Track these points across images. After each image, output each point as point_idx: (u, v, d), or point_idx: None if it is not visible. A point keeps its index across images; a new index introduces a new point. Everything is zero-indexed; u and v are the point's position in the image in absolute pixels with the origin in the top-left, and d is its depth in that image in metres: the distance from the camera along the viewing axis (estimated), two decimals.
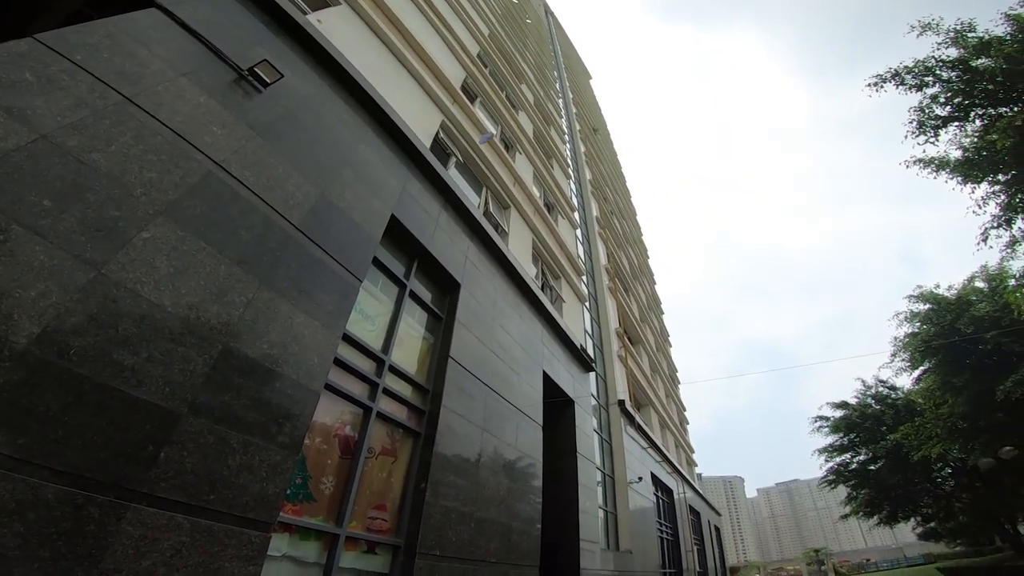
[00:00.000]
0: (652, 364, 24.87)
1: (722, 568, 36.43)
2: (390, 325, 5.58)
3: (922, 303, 13.37)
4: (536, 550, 7.00)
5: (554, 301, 12.22)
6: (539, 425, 8.32)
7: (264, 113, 4.20)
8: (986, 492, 18.16)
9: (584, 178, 24.27)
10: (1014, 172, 7.27)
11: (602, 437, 13.42)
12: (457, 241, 7.17)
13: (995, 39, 7.64)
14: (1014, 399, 9.68)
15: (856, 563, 63.80)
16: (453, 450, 5.71)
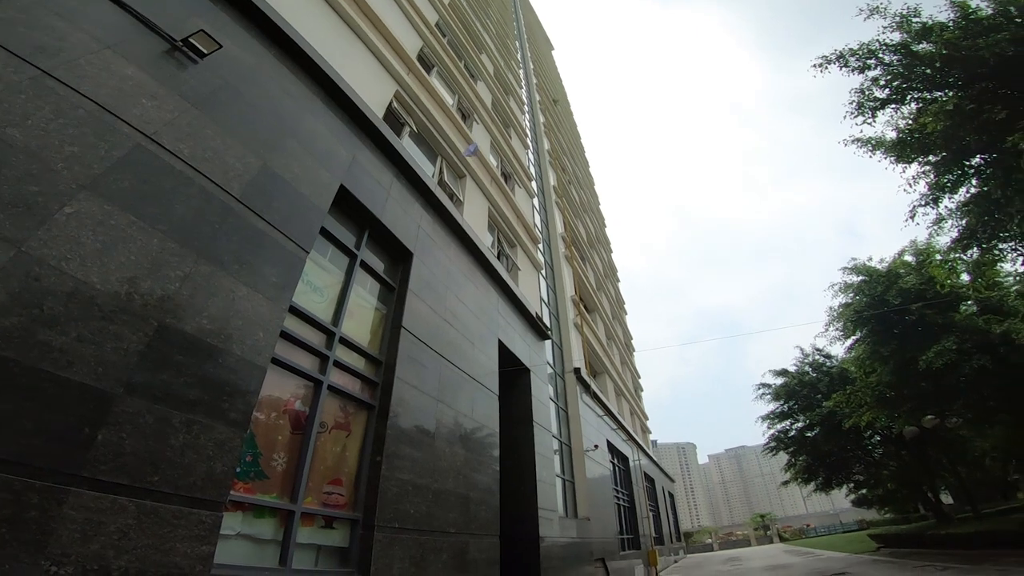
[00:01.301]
0: (608, 332, 25.87)
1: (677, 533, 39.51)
2: (340, 296, 5.58)
3: (855, 275, 14.53)
4: (495, 519, 7.38)
5: (510, 270, 12.42)
6: (495, 394, 8.61)
7: (200, 85, 4.10)
8: (910, 460, 20.15)
9: (543, 148, 24.69)
10: (944, 154, 7.98)
11: (558, 405, 14.01)
12: (410, 211, 7.23)
13: (937, 24, 8.21)
14: (934, 369, 10.93)
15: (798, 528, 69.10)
16: (408, 422, 5.87)
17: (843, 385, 16.94)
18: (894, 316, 12.20)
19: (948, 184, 8.21)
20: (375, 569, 4.53)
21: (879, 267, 14.00)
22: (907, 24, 8.43)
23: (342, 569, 4.54)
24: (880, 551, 18.24)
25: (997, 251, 8.43)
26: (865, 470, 23.19)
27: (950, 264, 10.12)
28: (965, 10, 8.17)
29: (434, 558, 5.50)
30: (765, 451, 24.71)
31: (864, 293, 13.46)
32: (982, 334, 10.75)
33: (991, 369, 10.64)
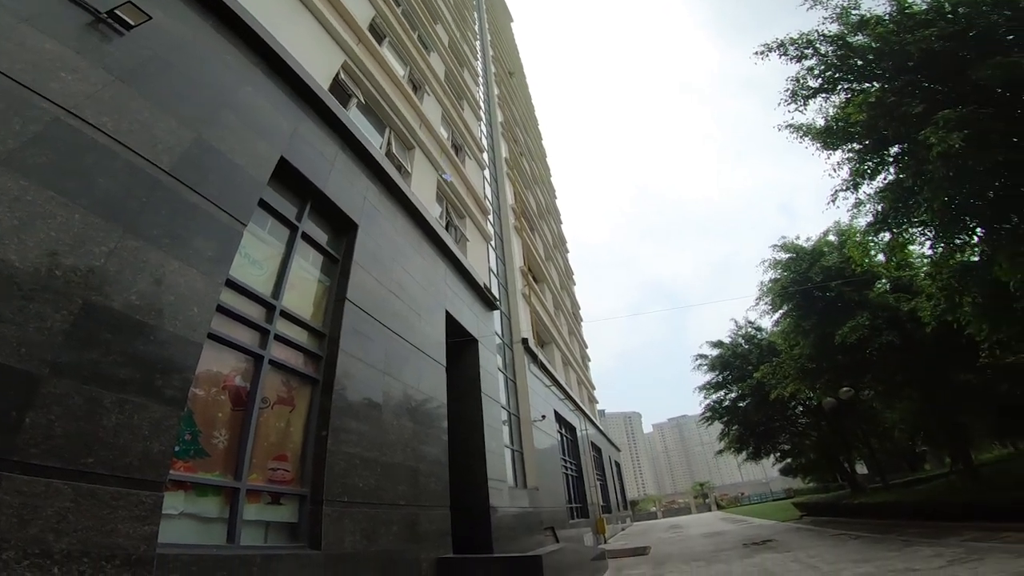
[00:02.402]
0: (556, 302, 26.57)
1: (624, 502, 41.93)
2: (280, 269, 5.50)
3: (784, 252, 15.83)
4: (445, 491, 7.67)
5: (458, 240, 12.48)
6: (442, 366, 8.79)
7: (127, 57, 3.96)
8: (829, 431, 21.92)
9: (496, 120, 24.79)
10: (866, 142, 8.71)
11: (506, 376, 14.41)
12: (356, 182, 7.22)
13: (874, 17, 8.76)
14: (849, 343, 12.22)
15: (733, 496, 73.96)
16: (354, 395, 5.95)
17: (771, 357, 18.25)
18: (816, 292, 13.43)
19: (867, 171, 9.01)
20: (326, 543, 4.69)
21: (805, 246, 15.28)
22: (846, 16, 8.98)
23: (292, 544, 4.66)
24: (803, 519, 20.01)
25: (908, 234, 9.38)
26: (790, 440, 25.06)
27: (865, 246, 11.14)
28: (902, 4, 8.72)
29: (385, 530, 5.72)
30: (701, 420, 26.35)
31: (791, 270, 14.70)
32: (892, 311, 12.08)
33: (898, 345, 12.05)
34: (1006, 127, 7.32)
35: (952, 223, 8.36)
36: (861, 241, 10.85)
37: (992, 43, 7.70)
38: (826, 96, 9.48)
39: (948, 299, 9.11)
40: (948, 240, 8.76)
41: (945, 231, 8.55)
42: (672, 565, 11.34)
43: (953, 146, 6.74)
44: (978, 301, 8.68)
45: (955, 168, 7.27)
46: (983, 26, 7.76)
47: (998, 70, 7.02)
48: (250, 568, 3.76)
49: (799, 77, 9.42)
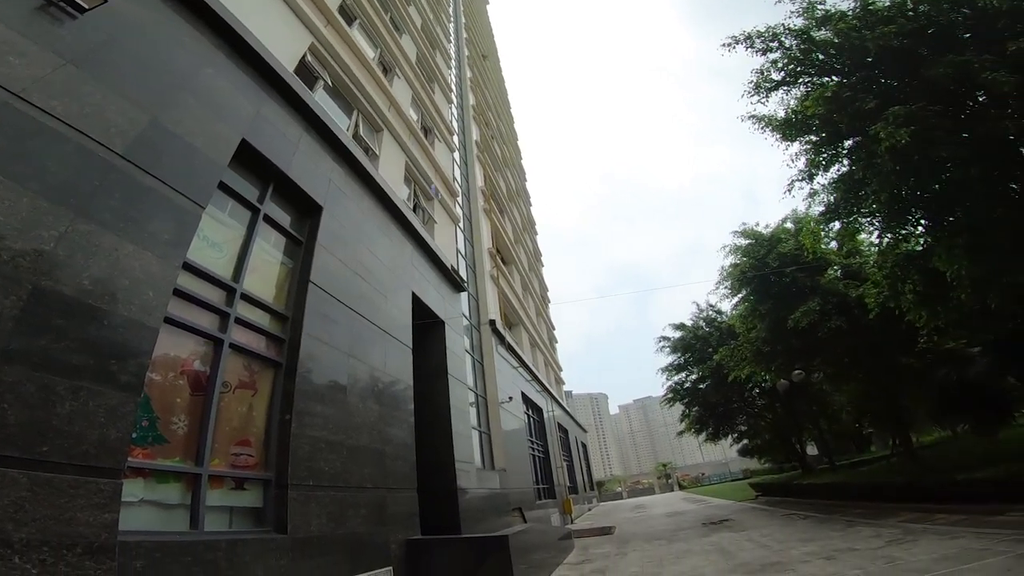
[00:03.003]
0: (524, 283, 26.82)
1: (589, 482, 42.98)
2: (241, 251, 5.43)
3: (744, 238, 16.37)
4: (412, 473, 7.80)
5: (426, 222, 12.45)
6: (408, 348, 8.85)
7: (79, 41, 3.86)
8: (783, 412, 22.79)
9: (467, 103, 24.75)
10: (822, 135, 9.08)
11: (474, 358, 14.56)
12: (320, 164, 7.20)
13: (838, 13, 9.03)
14: (801, 327, 12.94)
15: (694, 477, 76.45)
16: (318, 378, 5.97)
17: (730, 340, 18.94)
18: (772, 278, 14.10)
19: (822, 163, 9.43)
20: (292, 527, 4.76)
21: (764, 232, 15.89)
22: (811, 10, 9.22)
23: (258, 529, 4.71)
24: (758, 499, 20.79)
25: (858, 224, 9.90)
26: (747, 421, 25.90)
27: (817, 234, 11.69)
28: (865, 1, 8.97)
29: (352, 513, 5.82)
30: (663, 402, 27.16)
31: (750, 255, 15.29)
32: (841, 297, 12.81)
33: (846, 329, 12.79)
34: (953, 124, 7.63)
35: (898, 214, 8.87)
36: (814, 229, 11.38)
37: (950, 41, 8.00)
38: (787, 89, 9.75)
39: (891, 287, 9.70)
40: (894, 230, 9.32)
41: (891, 222, 9.08)
42: (635, 544, 11.84)
43: (900, 141, 7.08)
44: (918, 289, 9.29)
45: (902, 162, 7.67)
46: (942, 24, 8.04)
47: (949, 68, 7.34)
48: (215, 553, 3.81)
49: (763, 70, 9.68)
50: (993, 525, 7.23)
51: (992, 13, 7.59)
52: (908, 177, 8.09)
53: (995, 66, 7.04)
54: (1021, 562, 5.17)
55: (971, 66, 7.23)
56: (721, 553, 8.78)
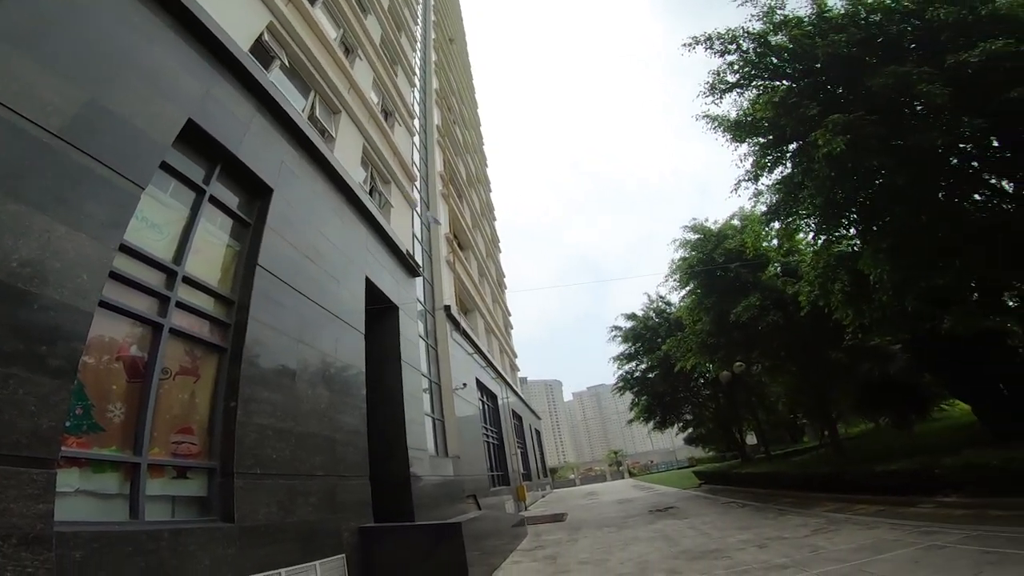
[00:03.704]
0: (481, 269, 26.90)
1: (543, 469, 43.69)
2: (184, 233, 5.28)
3: (693, 233, 17.06)
4: (364, 460, 7.82)
5: (382, 206, 12.31)
6: (360, 333, 8.81)
7: (10, 18, 3.69)
8: (725, 402, 23.08)
9: (431, 87, 24.56)
10: (769, 138, 9.55)
11: (428, 343, 14.57)
12: (273, 145, 7.09)
13: (794, 19, 9.31)
14: (742, 321, 13.78)
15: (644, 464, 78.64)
16: (265, 364, 5.90)
17: (677, 331, 19.67)
18: (718, 272, 14.86)
19: (768, 164, 9.92)
20: (239, 515, 4.74)
21: (713, 228, 16.64)
22: (771, 15, 9.47)
23: (203, 518, 4.67)
24: (701, 487, 21.71)
25: (796, 224, 10.54)
26: (692, 411, 27.08)
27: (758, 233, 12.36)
28: (822, 8, 9.30)
29: (303, 501, 5.83)
30: (614, 390, 27.98)
31: (698, 250, 16.04)
32: (779, 293, 13.71)
33: (782, 324, 13.75)
34: (887, 133, 7.95)
35: (832, 218, 9.49)
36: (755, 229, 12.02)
37: (896, 51, 8.38)
38: (740, 91, 10.10)
39: (822, 286, 10.39)
40: (828, 232, 9.99)
41: (825, 224, 9.73)
42: (586, 531, 12.27)
43: (836, 149, 7.47)
44: (846, 289, 9.97)
45: (838, 169, 8.14)
46: (891, 34, 8.39)
47: (890, 79, 7.65)
48: (158, 543, 3.78)
49: (720, 71, 9.95)
50: (906, 516, 7.87)
51: (937, 25, 7.86)
52: (843, 183, 8.52)
53: (932, 78, 7.34)
54: (928, 554, 5.62)
55: (910, 77, 7.52)
56: (665, 540, 9.26)
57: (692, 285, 16.39)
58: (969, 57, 7.01)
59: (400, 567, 6.80)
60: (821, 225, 9.92)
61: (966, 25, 7.62)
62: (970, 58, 7.00)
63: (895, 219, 8.98)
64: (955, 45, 7.54)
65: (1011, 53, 6.80)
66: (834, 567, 5.65)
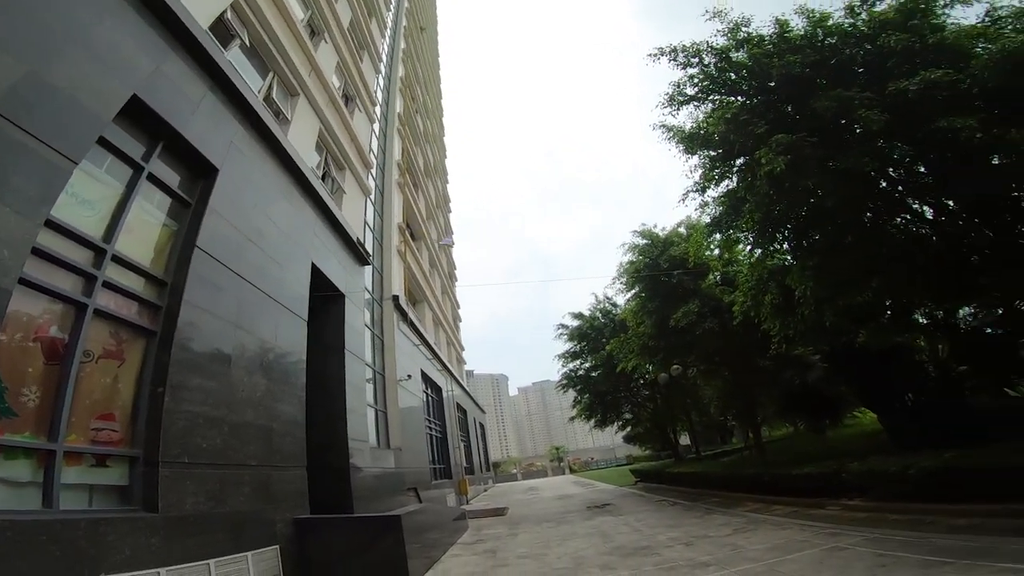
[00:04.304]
0: (432, 260, 26.76)
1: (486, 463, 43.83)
2: (117, 211, 5.04)
3: (642, 238, 17.83)
4: (302, 450, 7.70)
5: (334, 192, 12.06)
6: (303, 320, 8.65)
7: None
8: (662, 403, 24.07)
9: (396, 74, 24.26)
10: (719, 151, 9.99)
11: (374, 333, 14.40)
12: (222, 125, 6.93)
13: (756, 37, 9.63)
14: (681, 326, 14.52)
15: (584, 461, 79.55)
16: (198, 349, 5.72)
17: (621, 332, 20.23)
18: (662, 278, 15.52)
19: (715, 177, 10.37)
20: (164, 505, 4.61)
21: (660, 234, 17.42)
22: (735, 32, 9.76)
23: (123, 508, 4.51)
24: (637, 485, 22.62)
25: (736, 237, 11.15)
26: (632, 410, 27.86)
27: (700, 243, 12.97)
28: (783, 28, 9.58)
29: (234, 491, 5.71)
30: (558, 387, 28.62)
31: (645, 254, 16.79)
32: (717, 301, 14.48)
33: (717, 331, 14.56)
34: (825, 154, 8.27)
35: (768, 233, 10.11)
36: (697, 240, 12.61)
37: (846, 74, 8.72)
38: (697, 104, 10.39)
39: (754, 297, 11.06)
40: (763, 247, 10.64)
41: (761, 239, 10.33)
42: (526, 526, 12.58)
43: (777, 168, 7.87)
44: (775, 302, 10.66)
45: (777, 187, 8.60)
46: (844, 57, 8.77)
47: (833, 102, 7.97)
48: (74, 532, 3.65)
49: (680, 83, 10.22)
50: (815, 518, 8.56)
51: (886, 52, 8.13)
52: (781, 200, 8.97)
53: (872, 104, 7.60)
54: (831, 555, 6.08)
55: (851, 102, 7.81)
56: (601, 536, 9.64)
57: (637, 288, 17.00)
58: (909, 85, 7.32)
59: (338, 559, 6.79)
60: (758, 239, 10.47)
61: (913, 52, 7.95)
62: (910, 86, 7.31)
63: (824, 237, 9.59)
64: (899, 72, 7.87)
65: (948, 82, 7.08)
66: (749, 566, 6.07)
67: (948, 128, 6.79)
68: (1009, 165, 7.57)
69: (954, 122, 6.76)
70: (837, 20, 9.21)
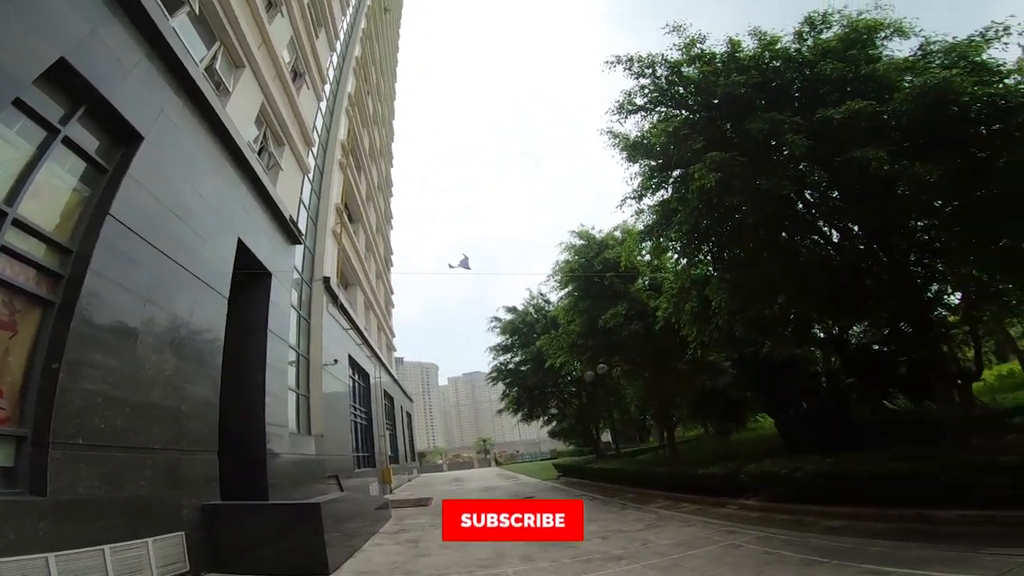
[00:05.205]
0: (369, 244, 26.19)
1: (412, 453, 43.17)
2: (24, 173, 4.68)
3: (579, 239, 18.46)
4: (214, 434, 7.40)
5: (270, 168, 11.65)
6: (224, 298, 8.29)
7: None
8: (587, 400, 25.15)
9: (352, 53, 23.84)
10: (659, 162, 10.48)
11: (300, 314, 13.93)
12: (155, 93, 6.73)
13: (708, 54, 9.92)
14: (609, 327, 15.26)
15: (510, 454, 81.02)
16: (101, 323, 5.39)
17: (552, 329, 21.01)
18: (595, 279, 16.14)
19: (652, 187, 10.84)
20: (53, 489, 4.34)
21: (597, 236, 18.08)
22: (690, 48, 10.04)
23: (7, 490, 4.19)
24: (560, 479, 23.21)
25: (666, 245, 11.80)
26: (558, 406, 28.90)
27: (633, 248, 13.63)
28: (735, 48, 9.89)
29: (134, 476, 5.44)
30: (488, 379, 28.95)
31: (581, 255, 17.43)
32: (643, 305, 15.32)
33: (642, 334, 15.42)
34: (753, 174, 8.57)
35: (694, 244, 10.72)
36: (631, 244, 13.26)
37: (784, 98, 9.14)
38: (645, 114, 10.77)
39: (676, 304, 11.75)
40: (689, 256, 11.30)
41: (688, 249, 10.93)
42: None
43: (708, 184, 8.24)
44: (694, 310, 11.42)
45: (706, 202, 9.07)
46: (785, 81, 9.20)
47: (765, 124, 8.37)
48: None
49: (631, 92, 10.53)
50: (717, 516, 9.21)
51: (822, 79, 8.48)
52: (709, 214, 9.52)
53: (799, 129, 7.95)
54: (727, 552, 6.55)
55: (781, 125, 8.08)
56: None
57: (571, 287, 17.56)
58: (834, 113, 7.65)
59: (252, 547, 6.61)
60: (685, 249, 11.03)
61: (845, 82, 8.36)
62: (835, 114, 7.63)
63: (743, 252, 10.28)
64: (830, 100, 8.22)
65: (870, 113, 7.44)
66: (657, 560, 6.49)
67: (862, 157, 7.22)
68: (909, 196, 8.08)
69: (867, 152, 7.14)
70: (785, 44, 9.58)
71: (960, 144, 7.55)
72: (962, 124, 7.46)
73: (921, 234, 9.62)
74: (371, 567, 7.29)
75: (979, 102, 7.10)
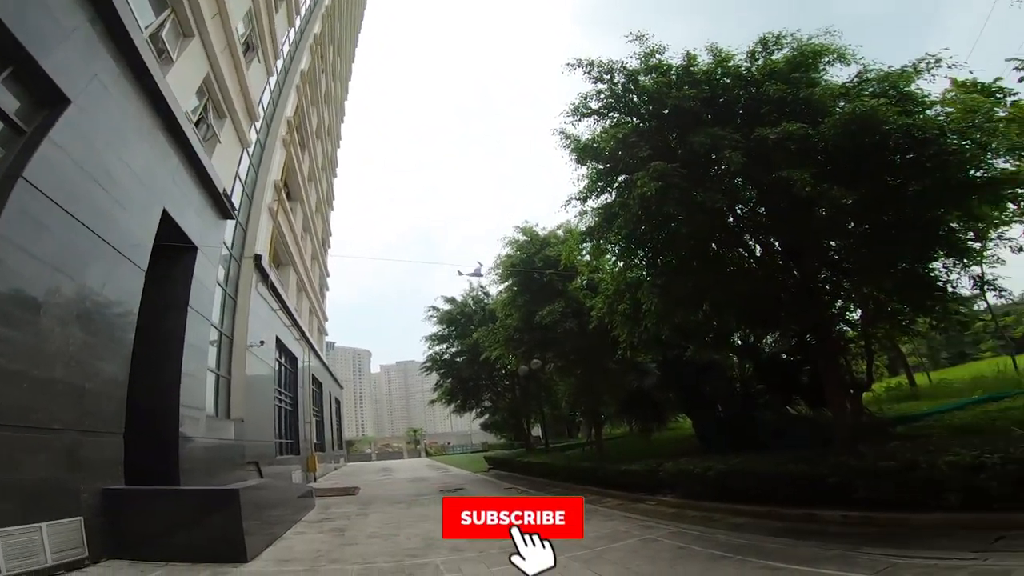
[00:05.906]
0: (306, 224, 25.33)
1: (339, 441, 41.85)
2: None
3: (522, 234, 18.66)
4: (120, 415, 7.01)
5: (207, 139, 11.03)
6: (141, 270, 7.87)
7: None
8: (519, 395, 25.47)
9: (311, 31, 23.30)
10: (606, 166, 10.79)
11: (227, 292, 13.27)
12: (92, 58, 6.55)
13: (664, 65, 10.11)
14: (544, 323, 15.63)
15: (441, 445, 79.72)
16: (2, 290, 5.05)
17: (490, 322, 21.22)
18: (535, 275, 16.46)
19: (597, 190, 11.12)
20: None
21: (540, 233, 18.43)
22: (649, 57, 10.21)
23: None
24: (490, 471, 23.23)
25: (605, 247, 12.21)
26: (491, 399, 29.09)
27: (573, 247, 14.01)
28: (691, 62, 10.07)
29: (28, 459, 5.11)
30: (422, 369, 28.77)
31: (522, 251, 17.70)
32: (580, 304, 15.72)
33: (576, 332, 15.84)
34: (690, 186, 8.77)
35: (631, 248, 11.13)
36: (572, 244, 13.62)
37: (728, 114, 9.38)
38: (599, 119, 10.87)
39: (610, 305, 12.10)
40: (626, 260, 11.73)
41: (625, 253, 11.33)
42: (377, 506, 12.52)
43: (649, 192, 8.44)
44: (626, 312, 11.78)
45: (645, 210, 9.32)
46: (732, 98, 9.47)
47: (706, 139, 8.58)
48: None
49: (587, 96, 10.60)
50: (637, 511, 9.63)
51: (764, 99, 8.72)
52: (647, 221, 9.71)
53: (737, 145, 8.13)
54: (645, 545, 6.89)
55: (721, 141, 8.28)
56: None
57: (511, 282, 17.80)
58: (770, 133, 7.86)
59: (161, 534, 6.31)
60: (623, 253, 11.44)
61: (785, 103, 8.56)
62: (770, 134, 7.84)
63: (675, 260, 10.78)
64: (769, 119, 8.38)
65: (801, 135, 7.66)
66: (581, 552, 6.73)
67: (788, 177, 7.49)
68: (827, 217, 8.39)
69: (792, 173, 7.41)
70: (737, 62, 9.92)
71: (877, 171, 8.06)
72: (881, 152, 7.87)
73: (833, 253, 10.32)
74: (293, 555, 7.16)
75: (899, 132, 7.46)
